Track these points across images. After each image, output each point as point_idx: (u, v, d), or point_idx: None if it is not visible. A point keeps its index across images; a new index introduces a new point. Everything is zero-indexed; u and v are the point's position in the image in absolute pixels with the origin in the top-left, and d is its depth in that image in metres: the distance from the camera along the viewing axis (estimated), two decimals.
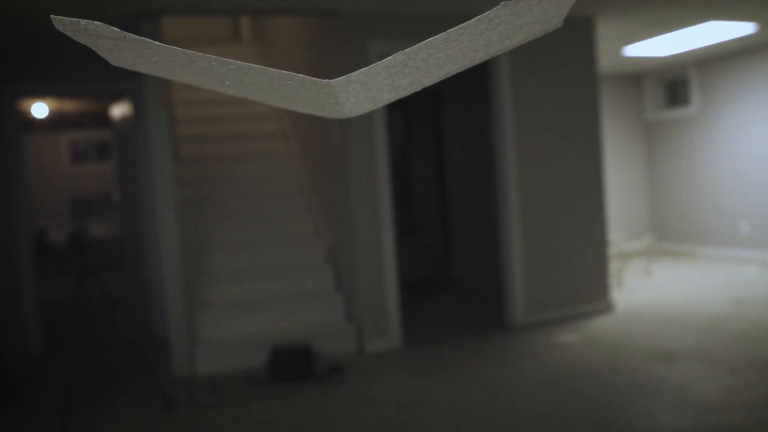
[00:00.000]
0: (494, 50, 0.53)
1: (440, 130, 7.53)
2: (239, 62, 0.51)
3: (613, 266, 6.69)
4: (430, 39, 0.52)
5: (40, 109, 8.93)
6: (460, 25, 0.53)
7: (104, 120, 8.70)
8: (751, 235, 7.52)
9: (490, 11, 0.52)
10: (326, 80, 0.53)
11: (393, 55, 0.52)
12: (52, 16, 0.49)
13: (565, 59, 5.33)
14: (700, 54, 7.54)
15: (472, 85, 6.95)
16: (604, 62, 7.35)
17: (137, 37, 0.50)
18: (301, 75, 0.52)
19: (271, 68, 0.52)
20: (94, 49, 0.52)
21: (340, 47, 4.76)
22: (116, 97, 6.11)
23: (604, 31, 5.79)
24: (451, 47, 0.53)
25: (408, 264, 7.17)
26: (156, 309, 5.49)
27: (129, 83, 5.36)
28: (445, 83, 7.36)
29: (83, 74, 5.29)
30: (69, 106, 9.28)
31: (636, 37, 6.33)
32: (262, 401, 3.91)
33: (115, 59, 0.52)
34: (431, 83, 0.56)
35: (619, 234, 7.84)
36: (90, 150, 11.45)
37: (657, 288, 6.35)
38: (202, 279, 4.85)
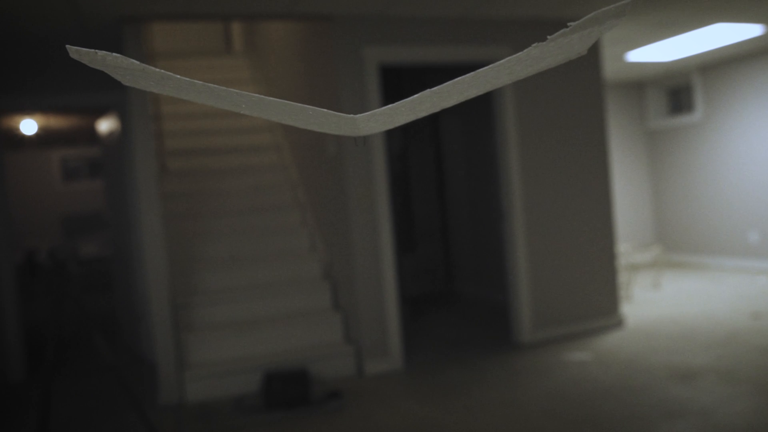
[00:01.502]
0: (516, 77, 0.55)
1: (439, 140, 7.32)
2: (261, 96, 0.52)
3: (621, 279, 6.45)
4: (458, 78, 0.54)
5: (28, 126, 8.70)
6: (490, 66, 0.54)
7: (96, 136, 8.48)
8: (761, 244, 7.28)
9: (521, 53, 0.53)
10: (351, 115, 0.55)
11: (420, 93, 0.55)
12: (67, 46, 0.48)
13: (569, 64, 5.11)
14: (704, 59, 7.35)
15: None
16: (607, 69, 7.15)
17: (157, 69, 0.50)
18: (324, 110, 0.53)
19: (292, 102, 0.53)
20: (106, 71, 0.51)
21: (335, 54, 4.54)
22: (103, 112, 5.88)
23: (608, 34, 5.59)
24: (476, 80, 0.55)
25: (408, 279, 6.92)
26: (144, 331, 5.23)
27: (114, 96, 5.14)
28: None
29: (67, 87, 5.07)
30: (59, 122, 9.06)
31: (640, 41, 6.13)
32: (255, 430, 3.65)
33: (128, 81, 0.52)
34: (450, 105, 0.57)
35: (626, 245, 7.60)
36: (82, 167, 11.20)
37: (667, 301, 6.11)
38: (191, 299, 4.60)
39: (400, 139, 7.17)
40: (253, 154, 6.04)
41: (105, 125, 5.93)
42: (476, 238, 6.95)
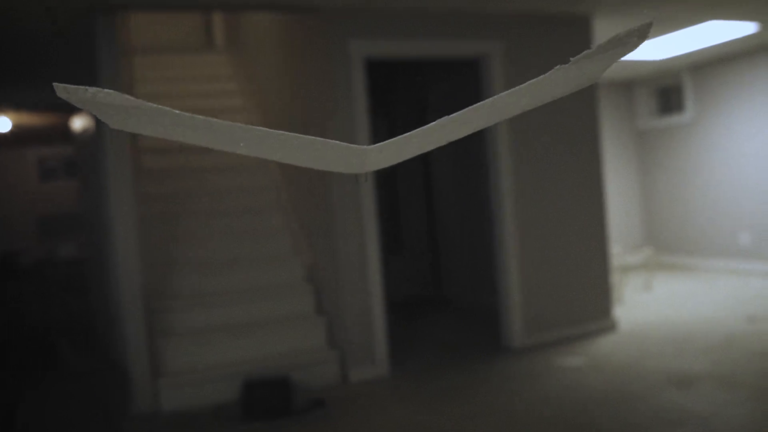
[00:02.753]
0: (528, 106, 0.54)
1: None
2: (267, 129, 0.49)
3: (612, 281, 6.31)
4: (476, 105, 0.53)
5: (2, 124, 8.43)
6: (509, 91, 0.52)
7: (70, 134, 8.22)
8: (751, 246, 7.18)
9: (542, 76, 0.52)
10: (363, 147, 0.53)
11: (436, 121, 0.53)
12: (54, 84, 0.46)
13: (562, 60, 4.97)
14: (695, 58, 7.25)
15: (461, 91, 6.58)
16: None
17: (154, 105, 0.46)
18: (334, 141, 0.51)
19: (301, 135, 0.50)
20: (93, 112, 0.48)
21: (319, 48, 4.37)
22: (76, 108, 5.65)
23: (601, 31, 5.45)
24: (495, 107, 0.53)
25: (395, 283, 6.74)
26: (120, 336, 5.01)
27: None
28: (432, 89, 6.99)
29: (35, 82, 4.85)
30: (34, 119, 8.80)
31: None
32: None
33: (115, 122, 0.48)
34: (457, 138, 0.56)
35: (616, 247, 7.48)
36: (59, 167, 10.92)
37: (659, 303, 5.98)
38: (168, 303, 4.39)
39: (386, 138, 7.00)
40: (234, 154, 5.83)
41: (78, 123, 5.71)
42: (465, 240, 6.79)
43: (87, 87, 0.45)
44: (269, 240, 5.03)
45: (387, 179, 6.83)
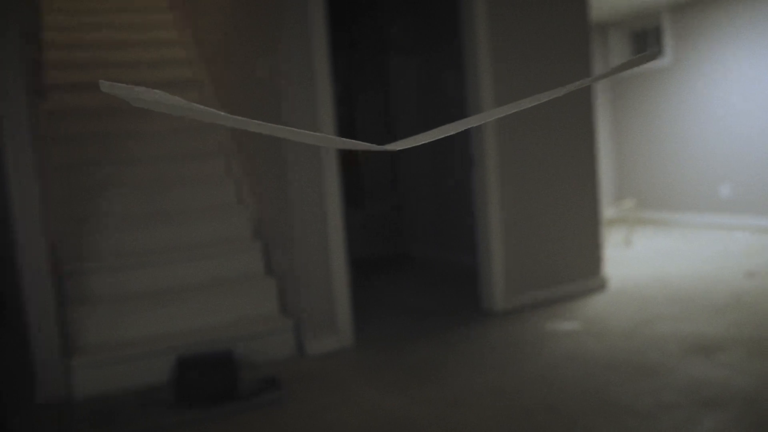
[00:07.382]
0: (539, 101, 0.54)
1: (389, 80, 6.42)
2: (299, 130, 0.49)
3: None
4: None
5: None
6: (534, 97, 0.54)
7: None
8: (732, 199, 6.75)
9: (543, 94, 0.53)
10: (384, 146, 0.54)
11: (456, 122, 0.54)
12: (100, 81, 0.44)
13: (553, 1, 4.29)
14: None
15: (428, 30, 5.85)
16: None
17: (203, 108, 0.46)
18: (360, 142, 0.52)
19: (329, 136, 0.51)
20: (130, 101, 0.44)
21: None
22: None
23: None
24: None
25: (356, 240, 6.06)
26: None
27: None
28: (397, 27, 6.23)
29: None
30: None
31: None
32: None
33: (138, 103, 0.45)
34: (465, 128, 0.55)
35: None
36: None
37: (644, 260, 5.46)
38: (83, 265, 3.60)
39: (346, 78, 6.24)
40: (167, 91, 4.99)
41: None
42: (434, 192, 6.13)
43: (133, 86, 0.43)
44: (208, 188, 4.26)
45: (346, 120, 6.09)
